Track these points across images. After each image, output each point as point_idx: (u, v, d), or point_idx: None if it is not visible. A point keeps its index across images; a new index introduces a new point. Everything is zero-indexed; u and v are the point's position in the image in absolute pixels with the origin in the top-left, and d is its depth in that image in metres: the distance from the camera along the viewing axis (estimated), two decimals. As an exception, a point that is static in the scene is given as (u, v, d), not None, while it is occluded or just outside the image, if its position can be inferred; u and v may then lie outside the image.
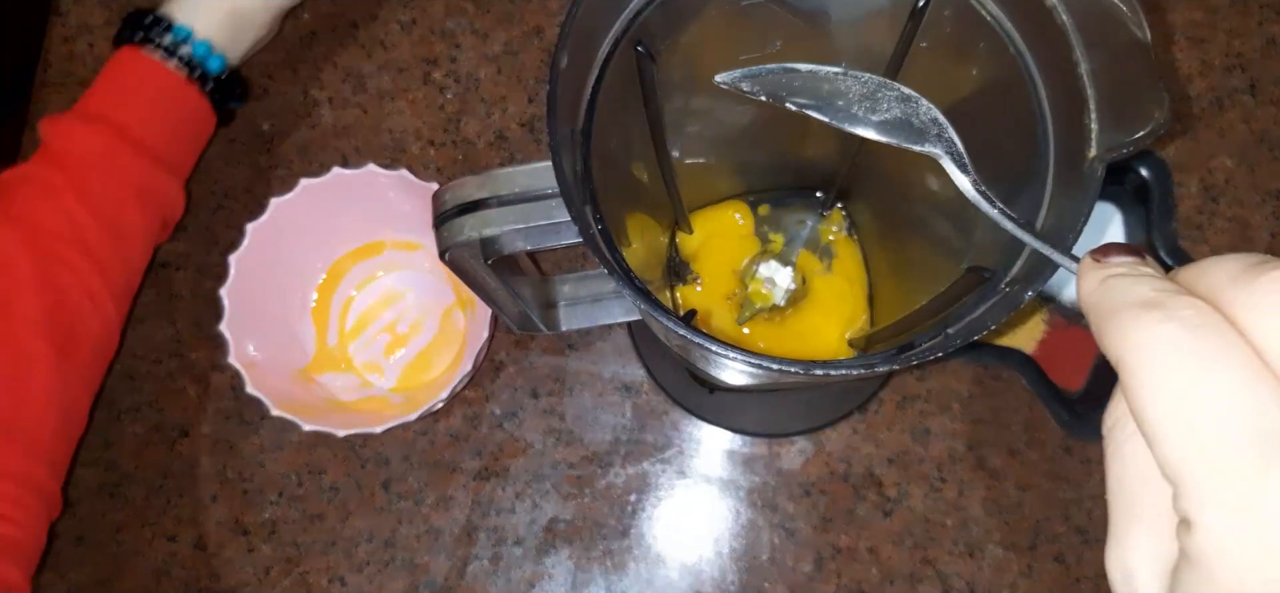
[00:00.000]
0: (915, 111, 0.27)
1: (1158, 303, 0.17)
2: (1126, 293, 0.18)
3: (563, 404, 0.53)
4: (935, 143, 0.26)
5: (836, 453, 0.52)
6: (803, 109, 0.27)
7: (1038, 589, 0.50)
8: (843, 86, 0.27)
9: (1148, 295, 0.17)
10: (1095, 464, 0.51)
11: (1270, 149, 0.54)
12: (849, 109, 0.27)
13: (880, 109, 0.27)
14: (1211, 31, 0.56)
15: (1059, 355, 0.52)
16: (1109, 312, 0.18)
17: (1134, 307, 0.17)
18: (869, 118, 0.27)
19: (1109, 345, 0.17)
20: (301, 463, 0.52)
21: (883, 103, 0.27)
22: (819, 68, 0.27)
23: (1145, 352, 0.16)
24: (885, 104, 0.27)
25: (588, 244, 0.29)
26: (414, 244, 0.54)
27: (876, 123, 0.27)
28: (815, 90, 0.27)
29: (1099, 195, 0.27)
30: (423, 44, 0.58)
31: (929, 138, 0.26)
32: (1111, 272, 0.19)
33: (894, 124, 0.27)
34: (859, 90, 0.27)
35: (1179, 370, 0.16)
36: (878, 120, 0.27)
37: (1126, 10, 0.27)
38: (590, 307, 0.45)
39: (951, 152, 0.26)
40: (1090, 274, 0.19)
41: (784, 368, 0.27)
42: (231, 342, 0.47)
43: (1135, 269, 0.18)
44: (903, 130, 0.27)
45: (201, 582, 0.51)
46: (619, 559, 0.51)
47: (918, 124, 0.27)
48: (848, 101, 0.27)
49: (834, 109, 0.27)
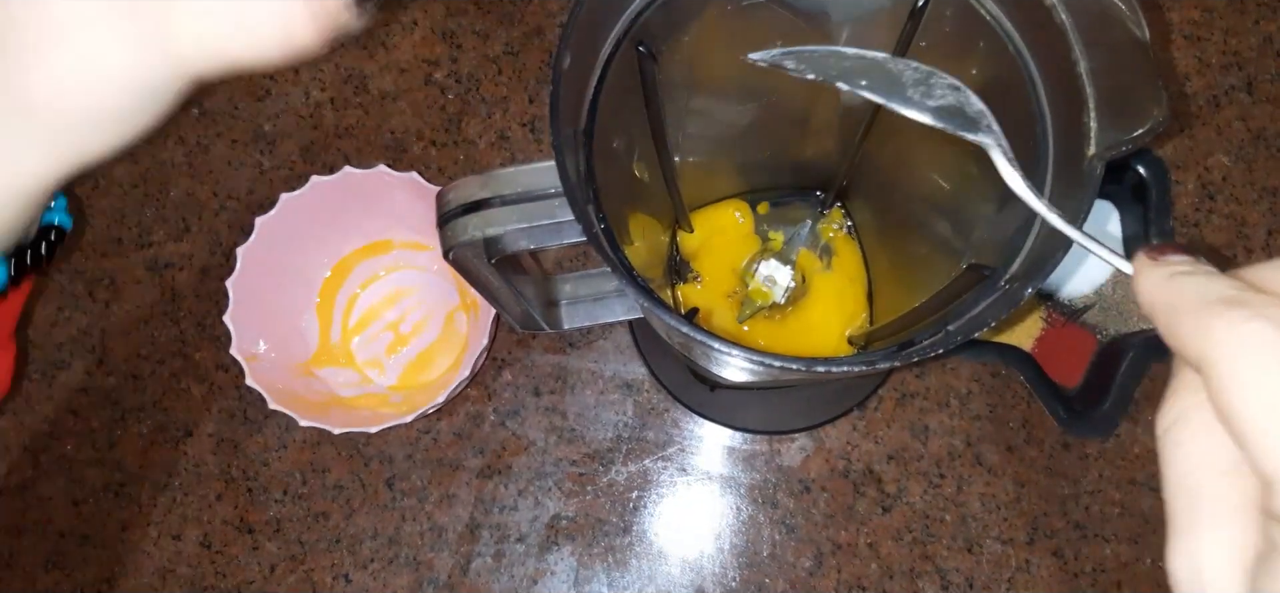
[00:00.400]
0: (966, 101, 0.27)
1: (1242, 301, 0.17)
2: (1203, 290, 0.17)
3: (565, 402, 0.53)
4: (986, 133, 0.26)
5: (836, 450, 0.52)
6: (857, 90, 0.27)
7: (1036, 584, 0.50)
8: (895, 70, 0.27)
9: (1228, 293, 0.17)
10: (1093, 460, 0.51)
11: (1267, 147, 0.55)
12: (903, 92, 0.27)
13: (935, 95, 0.27)
14: (1208, 30, 0.56)
15: (1057, 352, 0.52)
16: (1186, 308, 0.18)
17: (1216, 304, 0.17)
18: (925, 102, 0.26)
19: (1188, 343, 0.17)
20: (305, 462, 0.53)
21: (937, 89, 0.27)
22: (865, 52, 0.27)
23: (1236, 349, 0.16)
24: (939, 91, 0.27)
25: (590, 243, 0.29)
26: (421, 245, 0.54)
27: (933, 108, 0.26)
28: (867, 73, 0.27)
29: (1097, 193, 0.27)
30: (424, 45, 0.58)
31: (981, 128, 0.26)
32: (1175, 268, 0.18)
33: (949, 111, 0.26)
34: (912, 75, 0.27)
35: (1275, 369, 0.16)
36: (934, 106, 0.26)
37: (1125, 9, 0.27)
38: (592, 305, 0.45)
39: (999, 142, 0.26)
40: (1150, 271, 0.19)
41: (785, 365, 0.27)
42: (234, 333, 0.47)
43: (1199, 267, 0.18)
44: (958, 118, 0.26)
45: (206, 580, 0.51)
46: (621, 556, 0.51)
47: (969, 112, 0.26)
48: (902, 85, 0.27)
49: (889, 91, 0.27)
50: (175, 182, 0.56)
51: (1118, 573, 0.50)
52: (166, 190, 0.56)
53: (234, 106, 0.57)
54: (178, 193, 0.56)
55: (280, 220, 0.49)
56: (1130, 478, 0.51)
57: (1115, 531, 0.50)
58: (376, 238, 0.54)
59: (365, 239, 0.54)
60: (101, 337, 0.55)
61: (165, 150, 0.57)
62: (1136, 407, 0.51)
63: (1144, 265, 0.19)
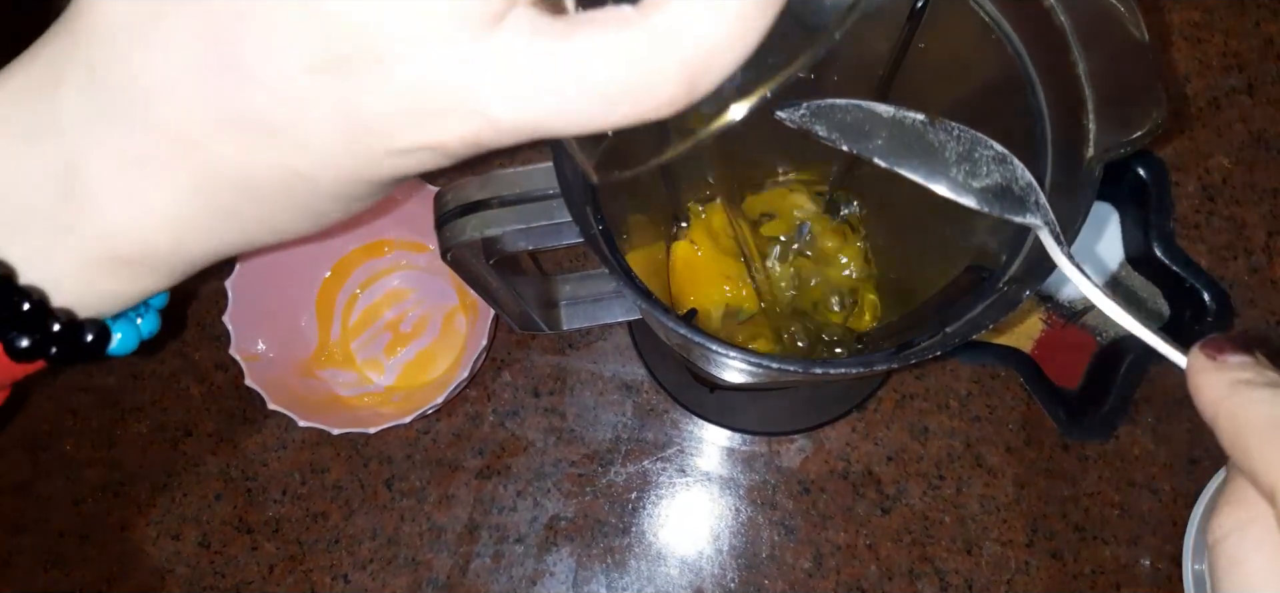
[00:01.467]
0: (1013, 176, 0.24)
1: None
2: (1267, 413, 0.17)
3: (564, 403, 0.53)
4: (1034, 212, 0.24)
5: (836, 451, 0.52)
6: (894, 168, 0.24)
7: (1035, 586, 0.50)
8: (936, 142, 0.24)
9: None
10: (1092, 461, 0.51)
11: (1267, 148, 0.55)
12: (946, 171, 0.24)
13: (980, 174, 0.24)
14: (1208, 32, 0.56)
15: (1056, 354, 0.52)
16: (1257, 432, 0.17)
17: None
18: (970, 184, 0.24)
19: (1260, 470, 0.17)
20: (305, 462, 0.53)
21: (982, 166, 0.24)
22: (903, 114, 0.25)
23: None
24: (985, 168, 0.24)
25: (589, 244, 0.29)
26: (420, 245, 0.54)
27: (977, 190, 0.24)
28: (905, 143, 0.24)
29: (1097, 195, 0.27)
30: (424, 44, 0.58)
31: (1028, 206, 0.24)
32: (1237, 375, 0.18)
33: (995, 192, 0.24)
34: (955, 149, 0.24)
35: None
36: (979, 188, 0.24)
37: (1124, 10, 0.27)
38: (591, 306, 0.45)
39: (1048, 220, 0.24)
40: (1210, 375, 0.18)
41: (783, 367, 0.27)
42: (234, 333, 0.47)
43: (1263, 374, 0.18)
44: (1004, 199, 0.24)
45: (205, 580, 0.51)
46: (620, 557, 0.51)
47: (1017, 190, 0.24)
48: (944, 162, 0.24)
49: (931, 170, 0.24)
50: (175, 181, 0.56)
51: (1117, 575, 0.50)
52: (166, 190, 0.56)
53: (234, 106, 0.57)
54: (177, 192, 0.56)
55: (279, 220, 0.49)
56: (1129, 480, 0.51)
57: (1114, 532, 0.50)
58: (376, 238, 0.54)
59: (364, 239, 0.54)
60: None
61: (165, 150, 0.57)
62: (1136, 409, 0.51)
63: (1203, 366, 0.18)
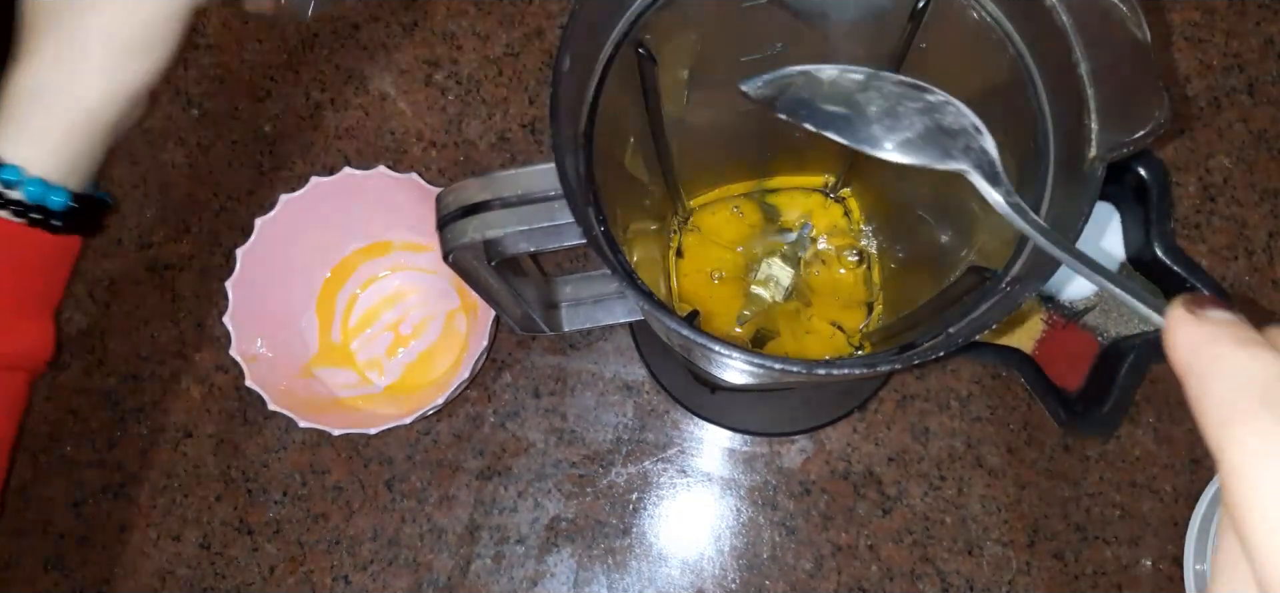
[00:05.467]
0: (940, 124, 0.25)
1: (1271, 399, 0.15)
2: (1240, 376, 0.16)
3: (565, 404, 0.53)
4: (962, 158, 0.24)
5: (837, 452, 0.52)
6: (822, 131, 0.25)
7: (1036, 586, 0.50)
8: (862, 100, 0.25)
9: (1261, 382, 0.15)
10: (1093, 462, 0.51)
11: (1268, 148, 0.55)
12: (868, 129, 0.25)
13: (901, 126, 0.25)
14: (1209, 32, 0.56)
15: (1057, 354, 0.52)
16: (1212, 393, 0.16)
17: (1244, 396, 0.15)
18: (888, 137, 0.25)
19: (1207, 431, 0.16)
20: (305, 463, 0.53)
21: (904, 119, 0.25)
22: (843, 73, 0.25)
23: (1252, 460, 0.15)
24: (908, 120, 0.25)
25: (590, 245, 0.29)
26: (421, 246, 0.54)
27: (898, 143, 0.25)
28: (834, 104, 0.25)
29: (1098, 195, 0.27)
30: (424, 46, 0.58)
31: (955, 152, 0.24)
32: (1215, 329, 0.16)
33: (916, 142, 0.25)
34: (881, 105, 0.25)
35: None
36: (898, 141, 0.25)
37: (1126, 10, 0.27)
38: (592, 307, 0.45)
39: (981, 163, 0.24)
40: (1187, 328, 0.17)
41: (785, 367, 0.27)
42: (234, 334, 0.47)
43: (1242, 334, 0.16)
44: (925, 148, 0.24)
45: (206, 581, 0.51)
46: (620, 558, 0.51)
47: (943, 137, 0.25)
48: (867, 120, 0.25)
49: (853, 131, 0.25)
50: (175, 183, 0.56)
51: (1118, 575, 0.50)
52: (167, 191, 0.56)
53: (234, 107, 0.57)
54: (178, 194, 0.56)
55: (280, 221, 0.49)
56: (1131, 480, 0.51)
57: (1116, 533, 0.50)
58: (376, 239, 0.54)
59: (365, 240, 0.54)
60: (101, 337, 0.55)
61: (165, 152, 0.57)
62: (1137, 409, 0.51)
63: (1182, 320, 0.17)
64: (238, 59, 0.58)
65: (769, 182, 0.51)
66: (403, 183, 0.49)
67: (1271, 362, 0.16)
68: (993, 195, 0.24)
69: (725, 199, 0.51)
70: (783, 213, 0.51)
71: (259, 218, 0.48)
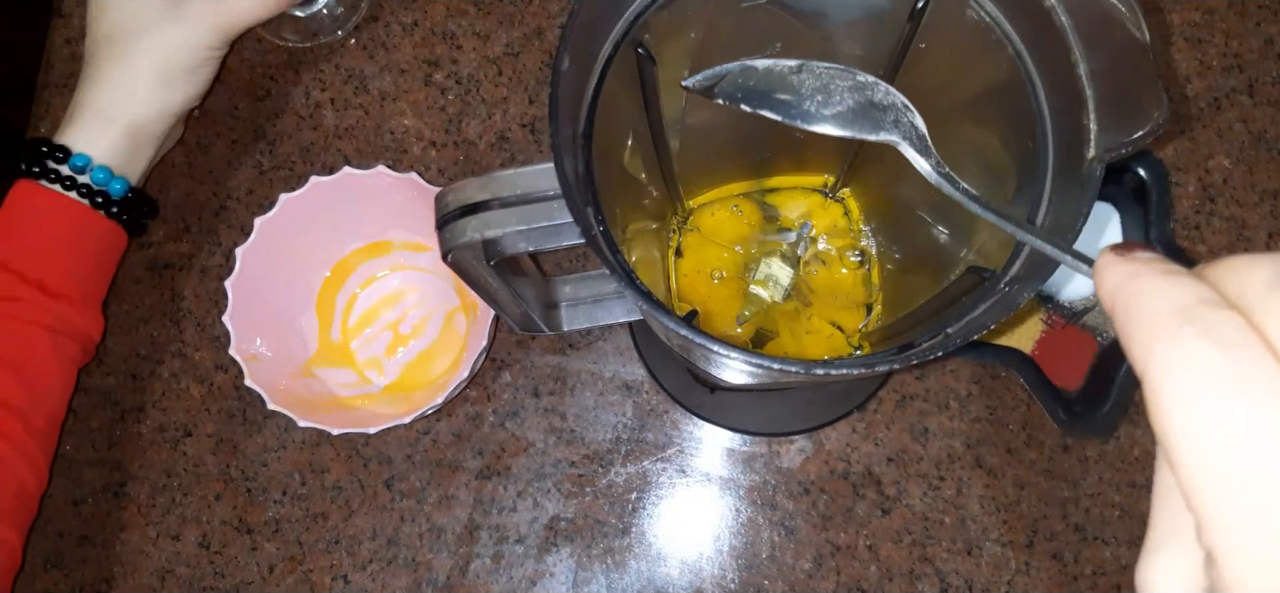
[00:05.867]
0: (871, 99, 0.26)
1: (1191, 316, 0.15)
2: (1156, 298, 0.16)
3: (564, 404, 0.53)
4: (892, 130, 0.26)
5: (836, 452, 0.52)
6: (758, 111, 0.27)
7: (1035, 586, 0.50)
8: (795, 81, 0.27)
9: (1181, 302, 0.15)
10: (1092, 462, 0.51)
11: (1268, 149, 0.55)
12: (801, 106, 0.27)
13: (833, 102, 0.27)
14: (1209, 32, 0.56)
15: (1056, 355, 0.52)
16: (1136, 318, 0.16)
17: (1164, 315, 0.15)
18: (822, 112, 0.27)
19: (1133, 355, 0.16)
20: (304, 462, 0.53)
21: (836, 95, 0.27)
22: (775, 63, 0.27)
23: (1172, 372, 0.15)
24: (839, 96, 0.27)
25: (590, 245, 0.29)
26: (421, 245, 0.54)
27: (830, 116, 0.27)
28: (769, 88, 0.27)
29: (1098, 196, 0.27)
30: (424, 45, 0.58)
31: (885, 125, 0.26)
32: (1140, 266, 0.17)
33: (848, 115, 0.26)
34: (812, 84, 0.27)
35: (1207, 399, 0.14)
36: (831, 114, 0.27)
37: (1125, 11, 0.27)
38: (592, 307, 0.45)
39: (911, 136, 0.26)
40: (1114, 268, 0.17)
41: (784, 368, 0.27)
42: (233, 334, 0.47)
43: (1165, 266, 0.17)
44: (857, 121, 0.26)
45: (205, 581, 0.51)
46: (620, 557, 0.51)
47: (875, 112, 0.26)
48: (800, 98, 0.27)
49: (787, 108, 0.27)
50: (175, 182, 0.56)
51: (1117, 576, 0.50)
52: (167, 190, 0.56)
53: (234, 107, 0.57)
54: (178, 193, 0.56)
55: (280, 221, 0.49)
56: (1130, 480, 0.51)
57: (1115, 533, 0.50)
58: (376, 238, 0.54)
59: (365, 240, 0.54)
60: (101, 336, 0.55)
61: (165, 151, 0.57)
62: (1136, 409, 0.51)
63: (1109, 262, 0.18)
64: (238, 59, 0.58)
65: (768, 181, 0.51)
66: (402, 183, 0.49)
67: (1192, 285, 0.16)
68: (922, 165, 0.26)
69: (724, 199, 0.51)
70: (782, 213, 0.51)
71: (259, 217, 0.48)
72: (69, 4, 0.59)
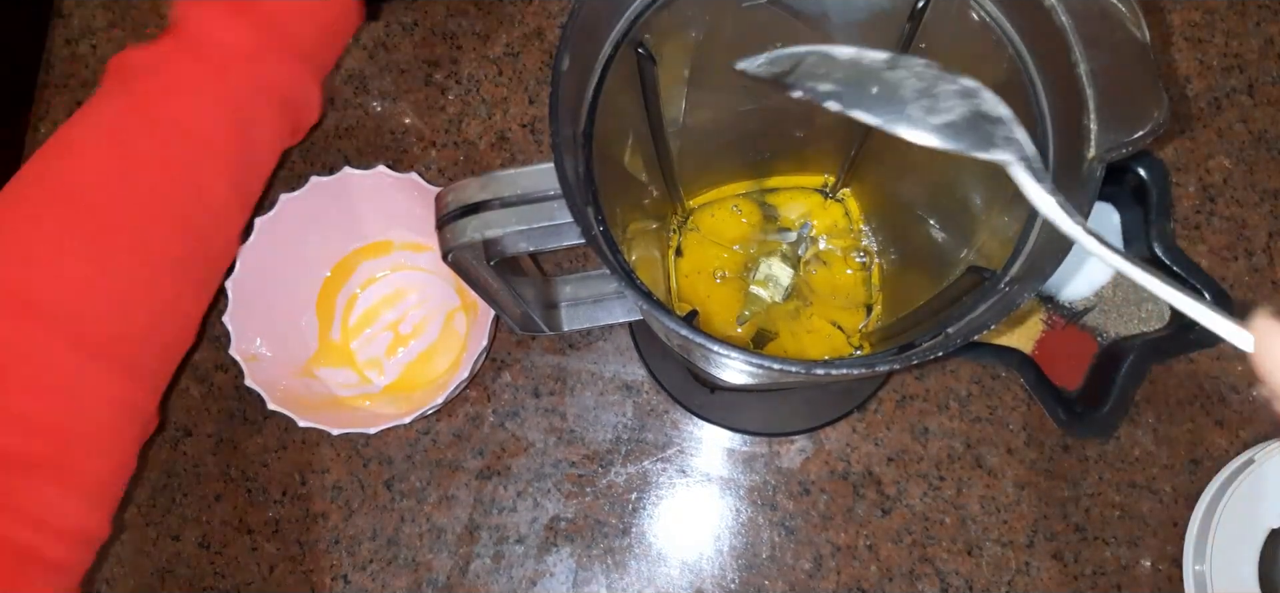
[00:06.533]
0: (979, 110, 0.22)
1: None
2: None
3: (564, 404, 0.53)
4: (1004, 147, 0.22)
5: (836, 452, 0.52)
6: (847, 111, 0.23)
7: (1035, 586, 0.50)
8: (893, 80, 0.22)
9: None
10: (1092, 462, 0.51)
11: (1268, 149, 0.55)
12: (903, 110, 0.22)
13: (940, 109, 0.22)
14: (1209, 32, 0.56)
15: (1057, 355, 0.52)
16: None
17: None
18: (928, 120, 0.22)
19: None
20: (305, 462, 0.53)
21: (943, 101, 0.22)
22: (862, 53, 0.23)
23: None
24: (946, 102, 0.22)
25: (590, 245, 0.29)
26: (421, 245, 0.54)
27: (938, 126, 0.22)
28: (859, 85, 0.22)
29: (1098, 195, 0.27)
30: (424, 45, 0.58)
31: (997, 141, 0.22)
32: None
33: (958, 128, 0.22)
34: (914, 85, 0.22)
35: None
36: (939, 124, 0.22)
37: (1125, 11, 0.27)
38: (592, 307, 0.45)
39: (1022, 156, 0.22)
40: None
41: (784, 368, 0.27)
42: (233, 333, 0.47)
43: None
44: (968, 135, 0.22)
45: (205, 581, 0.51)
46: (620, 557, 0.51)
47: (985, 124, 0.22)
48: (901, 101, 0.22)
49: (886, 111, 0.22)
50: (175, 182, 0.56)
51: (1117, 576, 0.50)
52: (166, 191, 0.56)
53: (234, 107, 0.57)
54: (177, 193, 0.56)
55: (280, 221, 0.49)
56: (1130, 481, 0.51)
57: (1115, 533, 0.50)
58: (376, 239, 0.54)
59: (365, 240, 0.54)
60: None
61: (165, 151, 0.57)
62: (1136, 409, 0.51)
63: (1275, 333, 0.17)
64: (238, 58, 0.58)
65: (768, 181, 0.51)
66: (402, 183, 0.49)
67: None
68: (1035, 192, 0.22)
69: (725, 199, 0.51)
70: (782, 213, 0.51)
71: (259, 217, 0.48)
72: (69, 4, 0.59)
